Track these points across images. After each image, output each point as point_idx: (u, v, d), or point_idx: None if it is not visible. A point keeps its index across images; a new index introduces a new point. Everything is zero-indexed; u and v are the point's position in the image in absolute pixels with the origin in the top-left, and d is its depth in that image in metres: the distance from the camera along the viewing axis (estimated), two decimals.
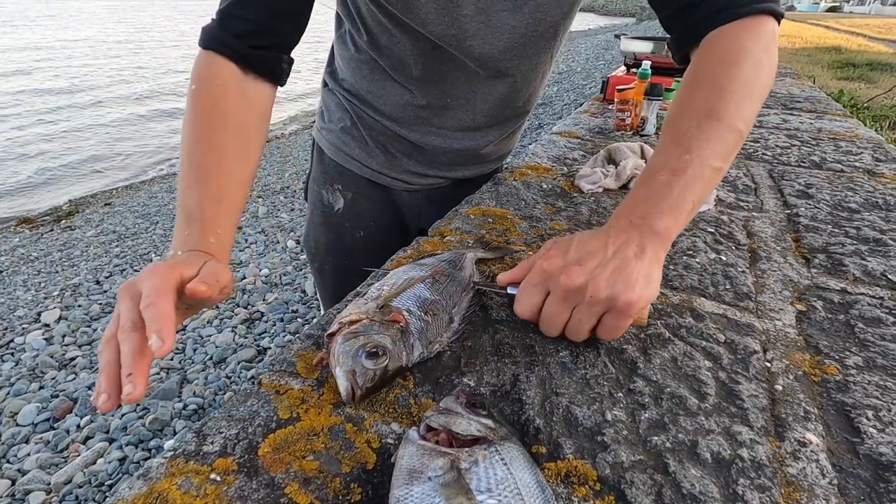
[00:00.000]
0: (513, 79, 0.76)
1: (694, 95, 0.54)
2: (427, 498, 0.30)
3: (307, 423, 0.40)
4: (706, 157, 0.49)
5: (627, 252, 0.45)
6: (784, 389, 0.45)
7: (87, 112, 7.58)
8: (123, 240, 3.75)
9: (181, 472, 0.35)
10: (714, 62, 0.54)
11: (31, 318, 2.64)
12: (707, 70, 0.54)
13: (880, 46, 9.09)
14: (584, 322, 0.45)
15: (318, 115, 0.93)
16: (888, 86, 4.60)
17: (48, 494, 1.58)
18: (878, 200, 0.88)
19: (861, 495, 0.36)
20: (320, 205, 0.92)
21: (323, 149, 0.90)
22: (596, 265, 0.45)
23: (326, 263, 0.94)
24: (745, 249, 0.71)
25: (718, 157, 0.50)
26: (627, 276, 0.44)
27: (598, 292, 0.43)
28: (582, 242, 0.48)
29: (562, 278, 0.44)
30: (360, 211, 0.89)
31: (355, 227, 0.90)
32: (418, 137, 0.82)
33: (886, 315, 0.57)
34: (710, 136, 0.50)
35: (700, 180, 0.49)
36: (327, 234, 0.92)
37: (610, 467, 0.37)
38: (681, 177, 0.49)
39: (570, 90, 7.45)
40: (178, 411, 1.90)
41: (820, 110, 1.62)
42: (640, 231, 0.47)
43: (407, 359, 0.44)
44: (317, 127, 0.92)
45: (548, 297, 0.46)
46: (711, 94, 0.52)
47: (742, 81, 0.52)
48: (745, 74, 0.52)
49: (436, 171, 0.87)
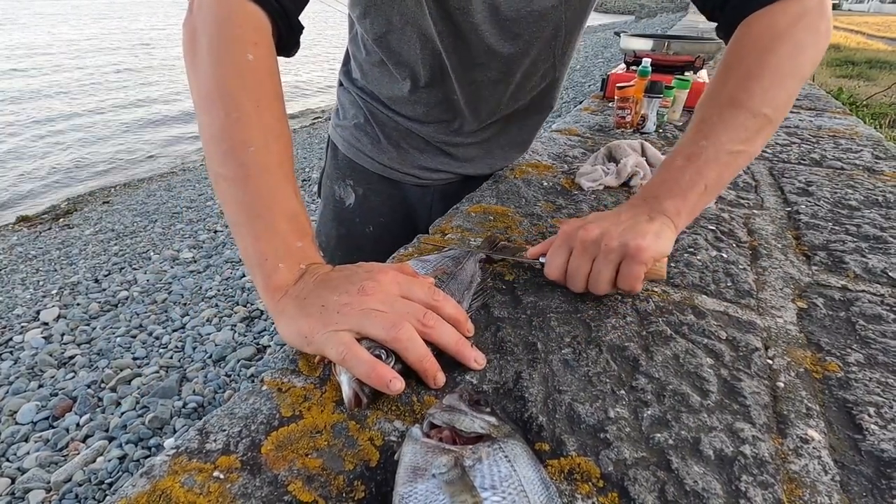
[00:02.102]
0: (520, 78, 0.76)
1: (721, 85, 0.55)
2: (431, 495, 0.30)
3: (310, 420, 0.40)
4: (723, 143, 0.52)
5: (639, 218, 0.52)
6: (786, 386, 0.45)
7: (87, 108, 7.56)
8: (122, 238, 3.75)
9: (184, 470, 0.35)
10: (745, 49, 0.54)
11: (30, 317, 2.64)
12: (737, 58, 0.54)
13: (879, 44, 9.10)
14: (603, 272, 0.51)
15: (334, 113, 0.93)
16: (887, 83, 4.61)
17: (48, 493, 1.58)
18: (878, 198, 0.88)
19: (863, 492, 0.36)
20: (332, 200, 0.93)
21: (337, 145, 0.91)
22: (610, 224, 0.51)
23: (335, 258, 0.95)
24: (745, 247, 0.71)
25: (737, 142, 0.52)
26: (638, 229, 0.50)
27: (611, 241, 0.49)
28: (599, 215, 0.55)
29: (580, 233, 0.51)
30: (370, 206, 0.90)
31: (365, 222, 0.91)
32: (430, 133, 0.82)
33: (887, 312, 0.57)
34: (730, 123, 0.52)
35: (715, 164, 0.52)
36: (338, 228, 0.93)
37: (613, 464, 0.37)
38: (694, 162, 0.52)
39: (570, 88, 7.45)
40: (178, 409, 1.90)
41: (819, 108, 1.62)
42: (651, 206, 0.53)
43: None
44: (332, 124, 0.93)
45: (571, 255, 0.52)
46: (738, 83, 0.53)
47: (773, 66, 0.51)
48: (778, 59, 0.51)
49: (447, 166, 0.87)
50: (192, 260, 3.28)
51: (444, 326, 0.44)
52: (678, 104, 1.38)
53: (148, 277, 3.03)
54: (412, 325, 0.42)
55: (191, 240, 3.62)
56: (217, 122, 0.46)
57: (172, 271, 3.10)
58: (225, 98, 0.46)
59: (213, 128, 0.47)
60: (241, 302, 2.68)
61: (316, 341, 0.41)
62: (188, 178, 5.21)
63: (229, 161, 0.46)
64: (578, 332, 0.51)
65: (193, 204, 4.37)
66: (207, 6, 0.48)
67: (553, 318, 0.53)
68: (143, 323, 2.53)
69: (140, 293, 2.84)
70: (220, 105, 0.46)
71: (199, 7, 0.49)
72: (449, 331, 0.44)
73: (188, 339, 2.37)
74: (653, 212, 0.52)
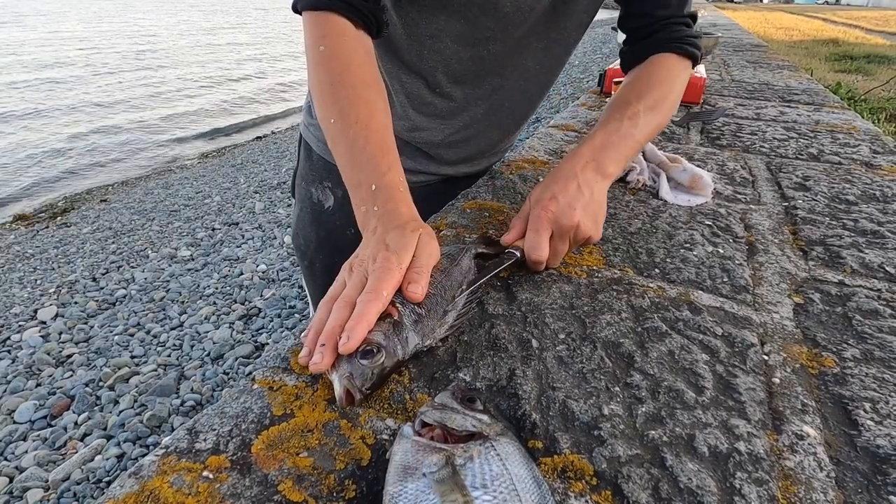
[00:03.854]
0: (506, 79, 0.76)
1: (630, 88, 0.72)
2: (421, 494, 0.30)
3: (301, 419, 0.40)
4: (639, 127, 0.67)
5: (596, 187, 0.61)
6: (781, 382, 0.45)
7: (86, 105, 7.53)
8: (119, 236, 3.74)
9: (173, 470, 0.35)
10: (653, 74, 0.73)
11: (28, 316, 2.63)
12: (646, 77, 0.73)
13: (878, 39, 9.07)
14: (568, 251, 0.61)
15: (305, 110, 0.90)
16: (885, 78, 4.59)
17: (46, 491, 1.58)
18: (875, 192, 0.88)
19: (859, 488, 0.36)
20: (310, 202, 0.90)
21: (311, 145, 0.88)
22: (580, 206, 0.58)
23: (316, 261, 0.93)
24: (742, 242, 0.70)
25: (649, 125, 0.69)
26: (599, 213, 0.61)
27: (585, 231, 0.59)
28: (565, 188, 0.60)
29: (563, 221, 0.57)
30: (351, 209, 0.87)
31: (347, 224, 0.89)
32: (410, 135, 0.81)
33: (884, 307, 0.56)
34: (637, 115, 0.67)
35: (632, 139, 0.67)
36: (318, 231, 0.91)
37: (607, 462, 0.37)
38: (626, 135, 0.66)
39: (568, 83, 7.42)
40: (176, 408, 1.90)
41: (817, 103, 1.62)
42: (600, 172, 0.63)
43: (402, 352, 0.44)
44: (303, 123, 0.90)
45: (552, 237, 0.58)
46: (643, 91, 0.70)
47: (666, 90, 0.72)
48: (670, 86, 0.73)
49: (426, 167, 0.86)
50: (190, 258, 3.27)
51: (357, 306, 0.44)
52: None
53: (146, 276, 3.03)
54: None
55: (189, 238, 3.61)
56: (315, 100, 0.61)
57: (170, 269, 3.10)
58: (312, 83, 0.61)
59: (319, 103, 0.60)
60: (239, 300, 2.68)
61: None
62: (186, 176, 5.20)
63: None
64: (573, 328, 0.51)
65: (191, 202, 4.36)
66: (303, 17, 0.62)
67: (548, 315, 0.53)
68: (141, 321, 2.53)
69: (138, 291, 2.84)
70: (316, 84, 0.60)
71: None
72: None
73: (186, 337, 2.36)
74: (602, 178, 0.62)
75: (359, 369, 0.41)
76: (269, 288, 2.77)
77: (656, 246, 0.68)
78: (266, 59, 12.35)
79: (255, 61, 12.05)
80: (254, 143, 6.49)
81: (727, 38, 3.60)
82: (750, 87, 1.85)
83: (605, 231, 0.72)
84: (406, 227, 0.50)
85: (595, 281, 0.59)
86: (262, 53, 13.21)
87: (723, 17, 6.84)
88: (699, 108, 1.49)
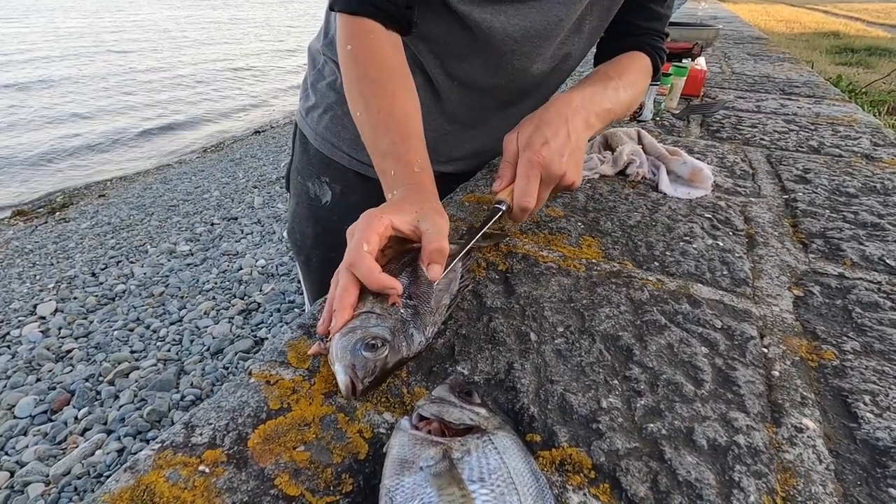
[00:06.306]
0: (523, 106, 0.77)
1: (622, 68, 0.76)
2: (418, 488, 0.30)
3: (298, 413, 0.39)
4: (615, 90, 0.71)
5: (581, 134, 0.62)
6: (781, 375, 0.45)
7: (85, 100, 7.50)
8: (118, 231, 3.73)
9: (169, 465, 0.35)
10: (625, 66, 0.77)
11: (27, 311, 2.63)
12: (619, 66, 0.76)
13: (879, 31, 9.03)
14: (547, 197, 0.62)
15: (301, 99, 0.87)
16: (886, 71, 4.58)
17: (47, 486, 1.59)
18: (876, 185, 0.87)
19: (858, 480, 0.36)
20: (306, 197, 0.89)
21: (308, 138, 0.86)
22: (567, 153, 0.59)
23: (313, 256, 0.92)
24: (742, 235, 0.70)
25: (611, 102, 0.71)
26: (579, 162, 0.62)
27: (571, 178, 0.60)
28: (553, 131, 0.60)
29: (553, 168, 0.58)
30: (349, 204, 0.86)
31: (344, 220, 0.88)
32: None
33: (884, 300, 0.56)
34: (612, 86, 0.71)
35: (614, 97, 0.70)
36: (314, 226, 0.90)
37: (605, 455, 0.37)
38: (607, 94, 0.69)
39: (568, 77, 7.39)
40: (176, 402, 1.90)
41: (818, 95, 1.61)
42: (586, 118, 0.64)
43: (407, 350, 0.44)
44: (300, 113, 0.88)
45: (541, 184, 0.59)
46: (617, 73, 0.74)
47: (634, 79, 0.76)
48: (637, 77, 0.77)
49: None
50: (189, 253, 3.26)
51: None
52: (675, 92, 1.37)
53: (145, 271, 3.02)
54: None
55: (188, 233, 3.60)
56: (348, 91, 0.63)
57: (169, 264, 3.09)
58: (343, 81, 0.64)
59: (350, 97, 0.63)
60: (239, 294, 2.68)
61: None
62: (184, 171, 5.18)
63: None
64: (572, 321, 0.51)
65: (190, 197, 4.35)
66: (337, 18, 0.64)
67: (547, 308, 0.52)
68: (141, 316, 2.53)
69: (137, 287, 2.83)
70: (345, 81, 0.64)
71: None
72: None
73: (186, 332, 2.36)
74: (585, 128, 0.63)
75: (361, 361, 0.40)
76: (269, 283, 2.77)
77: (656, 239, 0.68)
78: (266, 56, 12.29)
79: (255, 56, 11.99)
80: (252, 137, 6.46)
81: (728, 31, 3.58)
82: (750, 79, 1.84)
83: (605, 224, 0.71)
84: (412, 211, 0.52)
85: (594, 274, 0.59)
86: (261, 50, 13.14)
87: (723, 10, 6.80)
88: (699, 100, 1.48)
